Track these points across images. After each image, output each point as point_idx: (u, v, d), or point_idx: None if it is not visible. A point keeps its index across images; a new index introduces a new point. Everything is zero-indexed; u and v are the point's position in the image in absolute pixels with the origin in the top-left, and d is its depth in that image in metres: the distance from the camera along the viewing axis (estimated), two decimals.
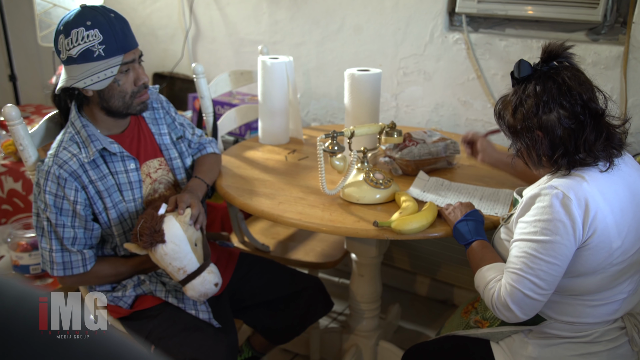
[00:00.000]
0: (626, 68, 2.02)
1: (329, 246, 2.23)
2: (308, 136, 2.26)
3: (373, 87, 1.92)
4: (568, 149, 1.22)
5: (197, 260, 1.46)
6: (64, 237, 1.48)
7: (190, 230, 1.48)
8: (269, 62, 2.08)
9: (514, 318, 1.25)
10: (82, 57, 1.43)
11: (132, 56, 1.49)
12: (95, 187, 1.51)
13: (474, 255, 1.38)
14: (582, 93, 1.21)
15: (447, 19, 2.39)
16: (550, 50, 1.27)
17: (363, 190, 1.60)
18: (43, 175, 1.46)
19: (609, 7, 2.04)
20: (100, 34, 1.43)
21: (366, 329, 2.06)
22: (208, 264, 1.48)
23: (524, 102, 1.25)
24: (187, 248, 1.45)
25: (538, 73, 1.26)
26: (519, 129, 1.27)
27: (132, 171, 1.57)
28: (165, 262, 1.43)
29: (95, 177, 1.50)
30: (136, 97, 1.53)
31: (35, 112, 2.95)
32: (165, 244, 1.42)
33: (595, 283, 1.26)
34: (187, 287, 1.46)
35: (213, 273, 1.48)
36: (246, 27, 2.90)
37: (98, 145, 1.50)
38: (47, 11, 2.71)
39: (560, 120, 1.21)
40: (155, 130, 1.69)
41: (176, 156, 1.70)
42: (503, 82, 2.29)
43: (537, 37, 2.21)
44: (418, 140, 1.83)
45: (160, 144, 1.68)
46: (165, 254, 1.42)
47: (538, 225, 1.21)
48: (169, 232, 1.43)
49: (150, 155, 1.66)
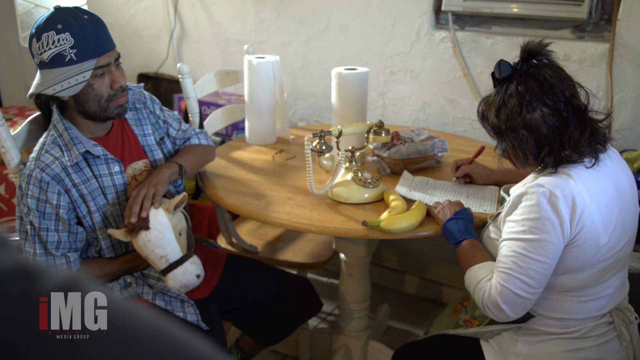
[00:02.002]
0: (611, 65, 2.03)
1: (318, 246, 2.22)
2: (295, 136, 2.25)
3: (360, 86, 1.91)
4: (554, 146, 1.22)
5: (180, 249, 1.44)
6: (48, 240, 1.45)
7: (176, 219, 1.46)
8: (255, 61, 2.06)
9: (504, 317, 1.25)
10: (54, 62, 1.39)
11: (106, 59, 1.44)
12: (79, 190, 1.48)
13: (464, 254, 1.38)
14: (564, 90, 1.22)
15: (433, 17, 2.38)
16: (529, 49, 1.27)
17: (351, 190, 1.59)
18: (25, 179, 1.44)
19: (593, 4, 2.05)
20: (71, 38, 1.38)
21: (356, 329, 2.05)
22: (191, 255, 1.46)
23: (507, 102, 1.26)
24: (170, 236, 1.43)
25: (519, 72, 1.26)
26: (504, 129, 1.27)
27: (116, 174, 1.54)
28: (148, 249, 1.42)
29: (79, 180, 1.48)
30: (112, 101, 1.49)
31: (18, 114, 2.90)
32: (149, 231, 1.40)
33: (584, 279, 1.26)
34: (169, 277, 1.44)
35: (195, 264, 1.46)
36: (232, 26, 2.88)
37: (81, 148, 1.47)
38: (29, 12, 2.67)
39: (544, 118, 1.22)
40: (138, 131, 1.65)
41: (161, 157, 1.67)
42: (490, 80, 2.27)
43: (523, 34, 2.22)
44: (406, 139, 1.82)
45: (144, 145, 1.65)
46: (148, 240, 1.41)
47: (526, 224, 1.21)
48: (153, 219, 1.41)
49: (135, 157, 1.62)
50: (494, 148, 1.37)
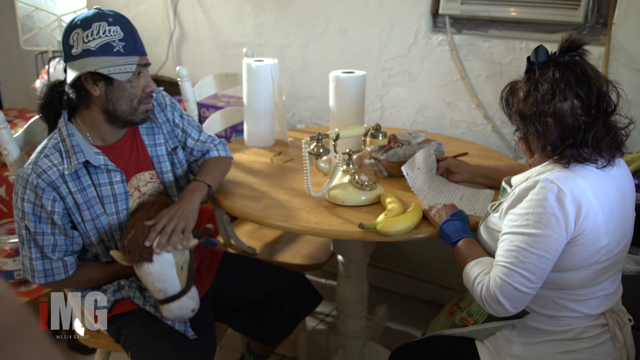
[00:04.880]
0: (607, 68, 2.05)
1: (316, 248, 2.23)
2: (294, 138, 2.26)
3: (358, 89, 1.92)
4: (577, 140, 1.22)
5: (180, 283, 1.43)
6: (44, 244, 1.45)
7: (180, 253, 1.44)
8: (253, 64, 2.08)
9: (503, 312, 1.25)
10: (102, 50, 1.41)
11: (145, 61, 1.49)
12: (74, 198, 1.47)
13: (461, 253, 1.39)
14: (600, 85, 1.22)
15: (431, 21, 2.40)
16: (572, 40, 1.27)
17: (348, 192, 1.61)
18: (22, 183, 1.43)
19: (589, 8, 2.07)
20: (121, 31, 1.42)
21: (353, 330, 2.06)
22: (189, 289, 1.44)
23: (539, 87, 1.25)
24: (172, 272, 1.41)
25: (555, 61, 1.26)
26: (529, 114, 1.26)
27: (117, 183, 1.53)
28: (148, 280, 1.41)
29: (75, 189, 1.46)
30: (142, 103, 1.50)
31: (19, 116, 2.92)
32: (152, 264, 1.38)
33: (580, 279, 1.27)
34: (164, 307, 1.43)
35: (193, 298, 1.45)
36: (231, 29, 2.89)
37: (80, 158, 1.46)
38: (29, 14, 2.69)
39: (573, 111, 1.22)
40: (149, 141, 1.63)
41: (168, 169, 1.65)
42: (487, 83, 2.32)
43: (519, 38, 2.24)
44: (403, 141, 1.84)
45: (153, 155, 1.63)
46: (149, 273, 1.39)
47: (530, 218, 1.21)
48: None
49: (142, 168, 1.61)
50: (513, 132, 1.37)
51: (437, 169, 1.79)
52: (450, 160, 1.79)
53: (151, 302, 1.58)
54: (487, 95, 2.33)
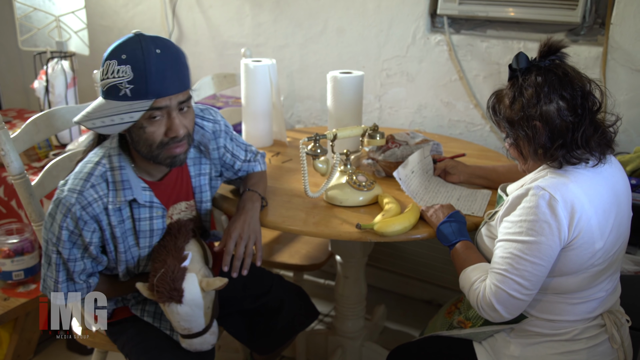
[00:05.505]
0: (605, 68, 2.05)
1: (314, 248, 2.23)
2: (292, 138, 2.26)
3: (355, 90, 1.92)
4: (566, 141, 1.23)
5: (205, 322, 1.40)
6: (75, 270, 1.39)
7: (209, 295, 1.41)
8: (251, 65, 2.08)
9: (499, 318, 1.26)
10: (108, 93, 1.27)
11: (166, 102, 1.28)
12: (112, 231, 1.39)
13: (458, 256, 1.39)
14: (583, 85, 1.23)
15: (429, 21, 2.40)
16: (550, 45, 1.28)
17: (346, 193, 1.61)
18: (62, 211, 1.32)
19: (587, 8, 2.07)
20: (131, 72, 1.24)
21: (352, 331, 2.07)
22: (212, 325, 1.42)
23: (523, 92, 1.26)
24: (200, 313, 1.38)
25: (537, 66, 1.27)
26: (517, 119, 1.27)
27: (157, 218, 1.44)
28: (174, 319, 1.37)
29: (115, 222, 1.38)
30: (164, 150, 1.33)
31: (17, 116, 2.92)
32: (180, 305, 1.34)
33: (577, 282, 1.27)
34: (185, 341, 1.41)
35: (214, 334, 1.43)
36: (229, 29, 2.89)
37: (129, 195, 1.37)
38: (28, 15, 2.68)
39: (560, 112, 1.22)
40: (194, 171, 1.53)
41: (208, 198, 1.58)
42: (485, 83, 2.32)
43: (517, 38, 2.24)
44: (401, 142, 1.84)
45: (196, 186, 1.54)
46: (177, 313, 1.35)
47: (523, 225, 1.22)
48: (187, 294, 1.34)
49: (182, 198, 1.53)
50: (503, 138, 1.37)
51: (435, 170, 1.79)
52: (447, 161, 1.79)
53: (150, 313, 1.55)
54: (485, 95, 2.33)
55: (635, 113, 2.05)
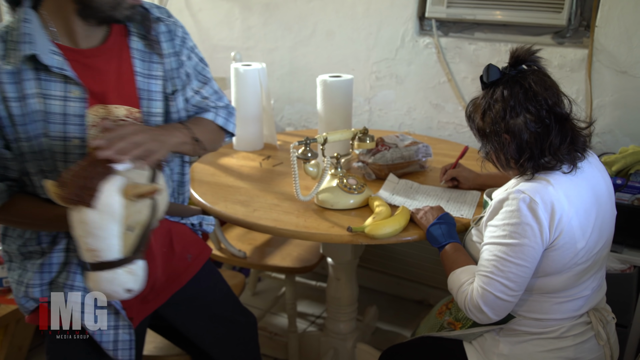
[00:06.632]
0: (590, 70, 2.08)
1: (305, 251, 2.24)
2: (282, 142, 2.27)
3: (345, 93, 1.94)
4: (534, 152, 1.26)
5: (121, 249, 1.05)
6: None
7: (134, 208, 1.06)
8: (241, 69, 2.09)
9: (486, 319, 1.29)
10: None
11: None
12: (8, 108, 1.12)
13: (447, 258, 1.41)
14: (547, 98, 1.25)
15: (418, 24, 2.42)
16: (517, 55, 1.30)
17: (337, 196, 1.62)
18: None
19: (573, 11, 2.10)
20: None
21: (344, 332, 2.08)
22: (132, 261, 1.06)
23: (492, 106, 1.28)
24: (113, 229, 1.04)
25: (506, 77, 1.29)
26: (488, 132, 1.30)
27: (72, 100, 1.15)
28: (78, 231, 1.04)
29: (12, 95, 1.11)
30: None
31: None
32: (90, 210, 1.02)
33: (562, 282, 1.30)
34: (90, 276, 1.05)
35: (132, 275, 1.07)
36: (219, 33, 2.90)
37: (26, 49, 1.08)
38: None
39: (527, 125, 1.25)
40: (142, 68, 1.25)
41: (158, 112, 1.27)
42: (473, 85, 2.34)
43: (505, 40, 2.26)
44: (390, 144, 1.86)
45: (142, 89, 1.25)
46: (83, 222, 1.02)
47: (507, 228, 1.25)
48: (102, 197, 1.02)
49: (124, 101, 1.23)
50: (478, 150, 1.40)
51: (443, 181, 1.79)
52: (451, 171, 1.77)
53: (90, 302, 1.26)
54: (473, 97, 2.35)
55: (620, 114, 2.08)
